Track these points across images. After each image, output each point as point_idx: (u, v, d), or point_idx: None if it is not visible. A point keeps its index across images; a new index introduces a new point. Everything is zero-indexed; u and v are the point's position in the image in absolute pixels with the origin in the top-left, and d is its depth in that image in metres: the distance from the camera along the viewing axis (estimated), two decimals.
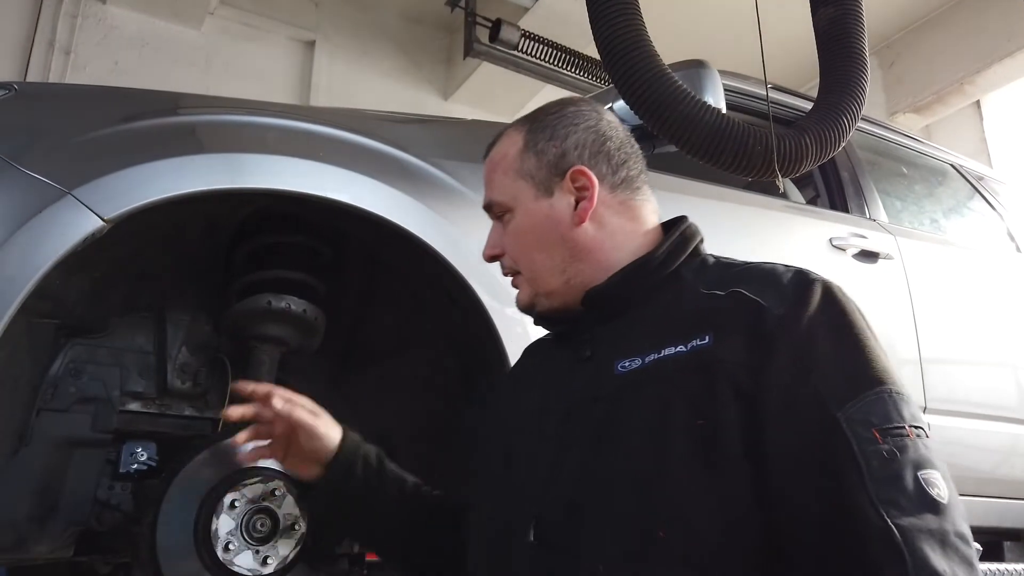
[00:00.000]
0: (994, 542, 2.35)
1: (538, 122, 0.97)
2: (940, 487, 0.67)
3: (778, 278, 0.81)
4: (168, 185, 1.14)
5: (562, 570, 0.76)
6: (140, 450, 1.35)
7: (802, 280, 0.80)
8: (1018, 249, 2.72)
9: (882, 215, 2.32)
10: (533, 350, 1.10)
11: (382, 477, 1.07)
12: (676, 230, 0.94)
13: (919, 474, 0.67)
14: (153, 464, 1.36)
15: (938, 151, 2.93)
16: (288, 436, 1.05)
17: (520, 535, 0.82)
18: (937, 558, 0.62)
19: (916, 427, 0.70)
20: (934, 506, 0.66)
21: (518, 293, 0.98)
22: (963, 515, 0.67)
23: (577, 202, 0.92)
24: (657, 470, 0.73)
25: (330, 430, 1.05)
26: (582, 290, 0.91)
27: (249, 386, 1.06)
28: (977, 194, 2.84)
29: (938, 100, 5.51)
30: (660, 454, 0.74)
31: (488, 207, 1.00)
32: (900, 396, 0.72)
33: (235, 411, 1.04)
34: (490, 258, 0.99)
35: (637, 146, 1.00)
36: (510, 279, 0.99)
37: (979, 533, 2.25)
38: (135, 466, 1.34)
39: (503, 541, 0.85)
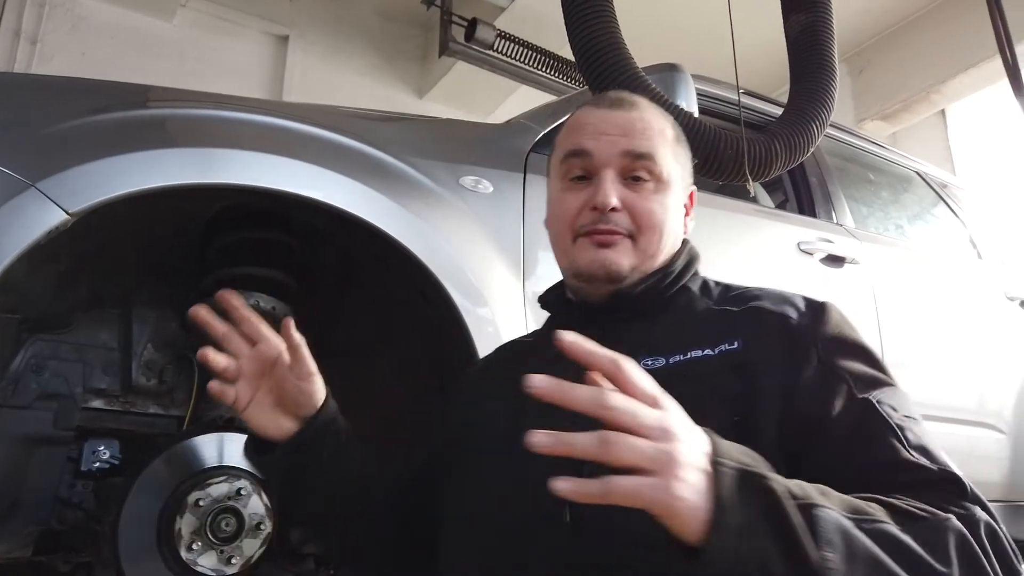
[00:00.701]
0: None
1: (677, 129, 1.02)
2: (954, 466, 0.76)
3: (791, 297, 0.90)
4: (136, 179, 1.13)
5: (597, 555, 0.77)
6: (103, 448, 1.33)
7: (811, 299, 0.90)
8: (979, 256, 2.78)
9: (849, 220, 2.36)
10: (506, 348, 1.09)
11: (352, 450, 0.99)
12: (684, 247, 0.99)
13: (939, 450, 0.77)
14: (116, 462, 1.34)
15: (904, 158, 2.99)
16: (260, 378, 0.92)
17: (552, 520, 0.79)
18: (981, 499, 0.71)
19: (915, 419, 0.81)
20: (957, 478, 0.74)
21: (612, 253, 0.91)
22: None
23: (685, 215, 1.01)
24: None
25: (318, 385, 0.94)
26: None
27: (232, 299, 0.93)
28: (941, 201, 2.91)
29: (905, 108, 5.62)
30: None
31: (639, 156, 0.93)
32: (904, 394, 0.82)
33: (215, 329, 0.92)
34: (610, 208, 0.92)
35: None
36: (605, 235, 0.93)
37: None
38: (97, 464, 1.32)
39: (527, 527, 0.82)
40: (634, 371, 0.60)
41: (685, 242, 1.00)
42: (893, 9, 5.49)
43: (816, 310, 0.87)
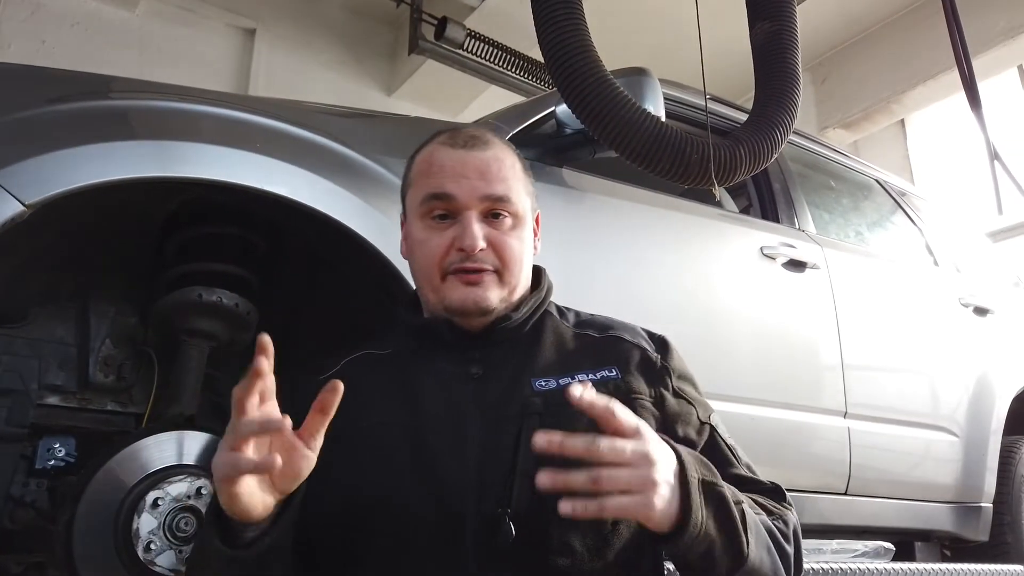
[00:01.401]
0: (907, 542, 2.46)
1: (521, 158, 1.07)
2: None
3: (639, 330, 1.06)
4: (95, 171, 1.11)
5: (535, 560, 0.85)
6: (58, 446, 1.30)
7: (654, 334, 1.06)
8: (935, 263, 2.85)
9: (810, 226, 2.40)
10: (359, 361, 1.04)
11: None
12: (544, 276, 1.08)
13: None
14: (71, 460, 1.31)
15: (864, 166, 3.05)
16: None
17: (475, 539, 0.85)
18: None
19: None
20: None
21: (481, 290, 0.96)
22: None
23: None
24: None
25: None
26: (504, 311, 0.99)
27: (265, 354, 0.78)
28: (899, 209, 2.98)
29: (866, 117, 5.74)
30: None
31: (498, 199, 0.98)
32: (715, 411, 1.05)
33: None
34: (478, 249, 0.96)
35: None
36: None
37: (892, 534, 2.36)
38: (52, 462, 1.29)
39: (447, 539, 0.85)
40: (620, 411, 0.76)
41: (542, 270, 1.09)
42: (856, 20, 5.61)
43: (662, 344, 1.04)
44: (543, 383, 0.94)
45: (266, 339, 0.78)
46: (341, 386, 0.77)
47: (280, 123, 1.38)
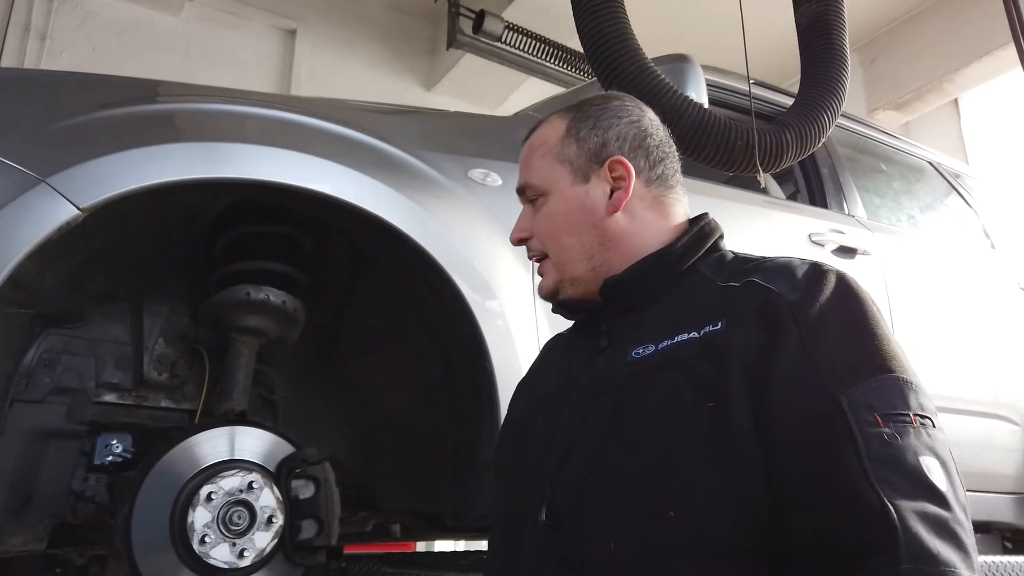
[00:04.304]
0: None
1: (582, 111, 0.99)
2: (938, 476, 0.67)
3: (793, 268, 0.83)
4: (146, 174, 1.13)
5: (572, 549, 0.79)
6: (115, 442, 1.34)
7: (816, 269, 0.81)
8: (993, 246, 2.76)
9: (860, 211, 2.34)
10: (552, 345, 1.10)
11: None
12: (695, 226, 0.95)
13: (920, 459, 0.68)
14: (129, 456, 1.34)
15: (916, 148, 2.96)
16: None
17: (533, 517, 0.83)
18: (932, 539, 0.63)
19: (922, 416, 0.71)
20: (932, 492, 0.66)
21: (543, 279, 0.98)
22: (964, 506, 0.68)
23: (612, 192, 0.94)
24: (667, 453, 0.76)
25: None
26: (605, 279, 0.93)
27: None
28: (954, 191, 2.88)
29: (917, 98, 5.56)
30: (670, 437, 0.76)
31: (521, 190, 1.00)
32: (908, 384, 0.73)
33: None
34: (517, 241, 1.00)
35: (674, 147, 1.02)
36: (536, 264, 1.01)
37: None
38: (110, 458, 1.33)
39: (517, 523, 0.86)
40: None
41: (697, 220, 0.97)
42: None
43: (814, 282, 0.79)
44: (641, 350, 0.84)
45: None
46: None
47: (322, 122, 1.39)
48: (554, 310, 1.00)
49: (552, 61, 5.05)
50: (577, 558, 0.78)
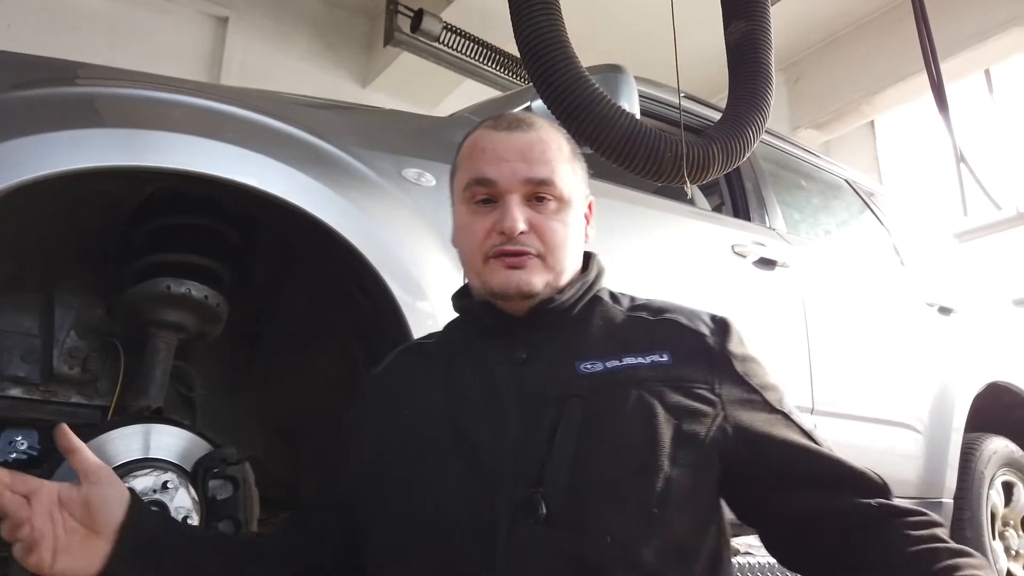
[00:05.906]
0: None
1: (570, 141, 1.05)
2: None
3: (698, 313, 1.00)
4: (61, 159, 1.08)
5: (576, 544, 0.82)
6: (20, 438, 1.28)
7: (716, 317, 1.00)
8: (902, 263, 2.91)
9: (781, 225, 2.43)
10: (410, 351, 1.10)
11: (189, 534, 1.01)
12: (593, 260, 1.05)
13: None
14: (34, 453, 1.28)
15: (835, 166, 3.09)
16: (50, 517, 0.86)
17: (514, 521, 0.83)
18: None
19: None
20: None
21: (524, 273, 0.95)
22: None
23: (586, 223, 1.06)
24: (650, 456, 0.85)
25: (111, 488, 0.91)
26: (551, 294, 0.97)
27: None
28: (868, 209, 3.02)
29: (837, 118, 5.83)
30: (648, 443, 0.86)
31: (539, 182, 0.97)
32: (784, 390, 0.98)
33: None
34: (519, 232, 0.95)
35: None
36: (515, 258, 0.96)
37: None
38: (14, 455, 1.27)
39: (481, 530, 0.84)
40: None
41: (592, 255, 1.06)
42: (830, 21, 5.68)
43: (723, 327, 0.98)
44: (588, 366, 0.91)
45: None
46: (66, 428, 0.89)
47: (252, 113, 1.36)
48: (474, 309, 1.01)
49: (489, 64, 5.07)
50: (582, 552, 0.81)
